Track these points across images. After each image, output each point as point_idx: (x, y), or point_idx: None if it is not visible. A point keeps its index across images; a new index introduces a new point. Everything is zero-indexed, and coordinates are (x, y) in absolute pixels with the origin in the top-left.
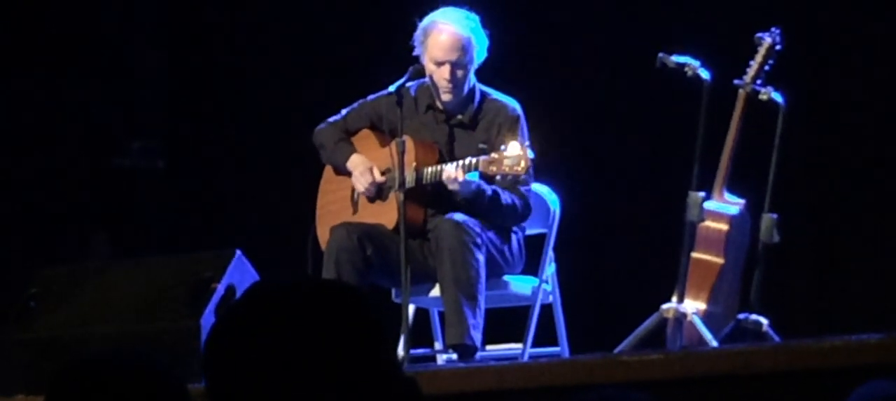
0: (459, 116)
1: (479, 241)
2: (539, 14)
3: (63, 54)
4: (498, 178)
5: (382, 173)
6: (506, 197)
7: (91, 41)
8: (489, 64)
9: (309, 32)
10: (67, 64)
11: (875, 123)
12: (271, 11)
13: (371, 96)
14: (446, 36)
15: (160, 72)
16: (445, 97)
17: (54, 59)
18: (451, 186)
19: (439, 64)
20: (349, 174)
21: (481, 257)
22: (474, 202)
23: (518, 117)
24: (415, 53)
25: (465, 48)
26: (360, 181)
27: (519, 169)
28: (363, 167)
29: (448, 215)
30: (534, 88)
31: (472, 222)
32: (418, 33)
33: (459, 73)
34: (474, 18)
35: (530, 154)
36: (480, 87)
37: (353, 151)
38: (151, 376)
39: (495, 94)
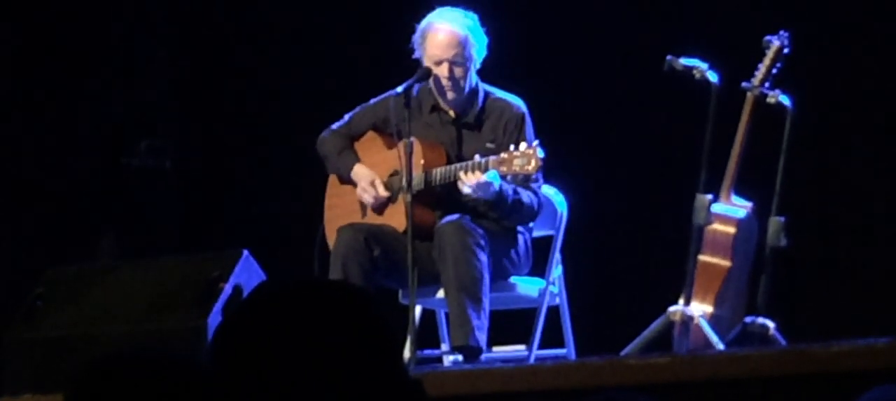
0: (465, 117)
1: (481, 242)
2: (547, 16)
3: (72, 54)
4: (509, 178)
5: (390, 175)
6: (526, 196)
7: (100, 41)
8: (496, 65)
9: (317, 33)
10: (76, 63)
11: (883, 127)
12: (280, 12)
13: (373, 100)
14: (443, 34)
15: (169, 71)
16: (450, 96)
17: (63, 59)
18: (475, 194)
19: (438, 62)
20: (354, 184)
21: (484, 258)
22: (495, 204)
23: (523, 115)
24: (414, 57)
25: (462, 45)
26: (365, 197)
27: (529, 168)
28: (367, 182)
29: (450, 218)
30: (542, 90)
31: (474, 224)
32: (416, 36)
33: (458, 70)
34: (472, 17)
35: (541, 153)
36: (484, 86)
37: (357, 161)
38: (180, 374)
39: (499, 93)
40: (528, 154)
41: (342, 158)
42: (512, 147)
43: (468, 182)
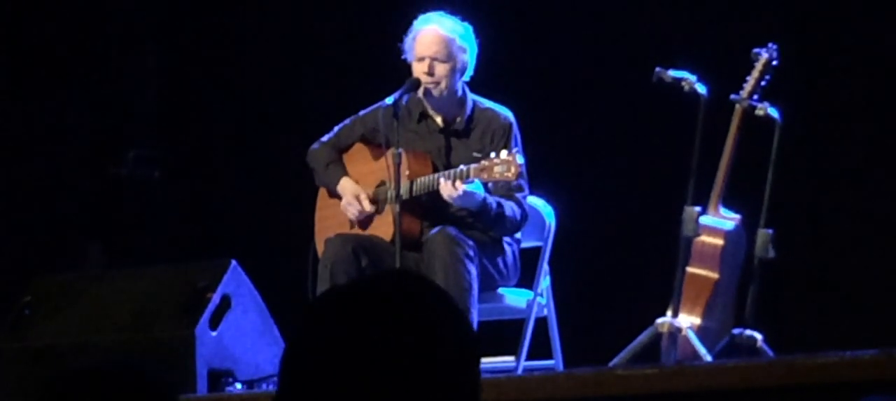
0: (453, 126)
1: (471, 253)
2: (536, 28)
3: (60, 64)
4: (490, 185)
5: (378, 186)
6: (508, 209)
7: (88, 50)
8: (486, 76)
9: (306, 43)
10: (64, 73)
11: (871, 139)
12: (268, 21)
13: (362, 112)
14: (426, 32)
15: (157, 81)
16: (435, 93)
17: (51, 69)
18: (451, 197)
19: (420, 59)
20: (341, 197)
21: (473, 269)
22: (479, 215)
23: (511, 125)
24: (403, 57)
25: (445, 43)
26: (349, 211)
27: (509, 175)
28: (351, 195)
29: (440, 228)
30: (531, 101)
31: (463, 235)
32: (407, 40)
33: (439, 67)
34: (464, 25)
35: (520, 160)
36: (472, 96)
37: (343, 174)
38: (141, 388)
39: (487, 103)
40: (507, 161)
41: (329, 172)
42: (492, 154)
43: (449, 191)
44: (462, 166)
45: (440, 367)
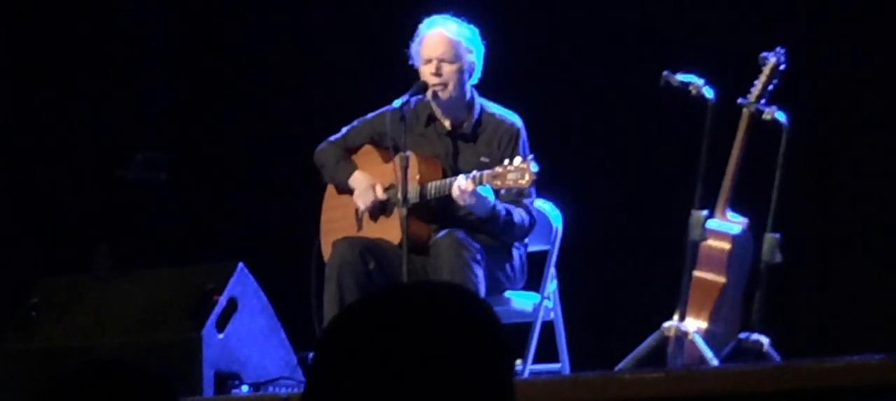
0: (460, 130)
1: (478, 257)
2: (544, 31)
3: (68, 66)
4: (502, 192)
5: (386, 189)
6: (517, 216)
7: (96, 53)
8: (493, 79)
9: (314, 46)
10: (72, 75)
11: (878, 143)
12: (276, 24)
13: (370, 114)
14: (432, 35)
15: (164, 83)
16: (442, 96)
17: (59, 71)
18: (465, 201)
19: (428, 61)
20: (352, 192)
21: (480, 273)
22: (488, 221)
23: (519, 131)
24: (410, 63)
25: (451, 45)
26: (363, 199)
27: (523, 182)
28: (366, 184)
29: (447, 231)
30: (538, 105)
31: (470, 239)
32: (413, 44)
33: (446, 68)
34: (470, 28)
35: (534, 167)
36: (480, 100)
37: (355, 168)
38: (144, 388)
39: (494, 108)
40: (521, 168)
41: (340, 167)
42: (506, 161)
43: (462, 194)
44: (475, 172)
45: (475, 376)
